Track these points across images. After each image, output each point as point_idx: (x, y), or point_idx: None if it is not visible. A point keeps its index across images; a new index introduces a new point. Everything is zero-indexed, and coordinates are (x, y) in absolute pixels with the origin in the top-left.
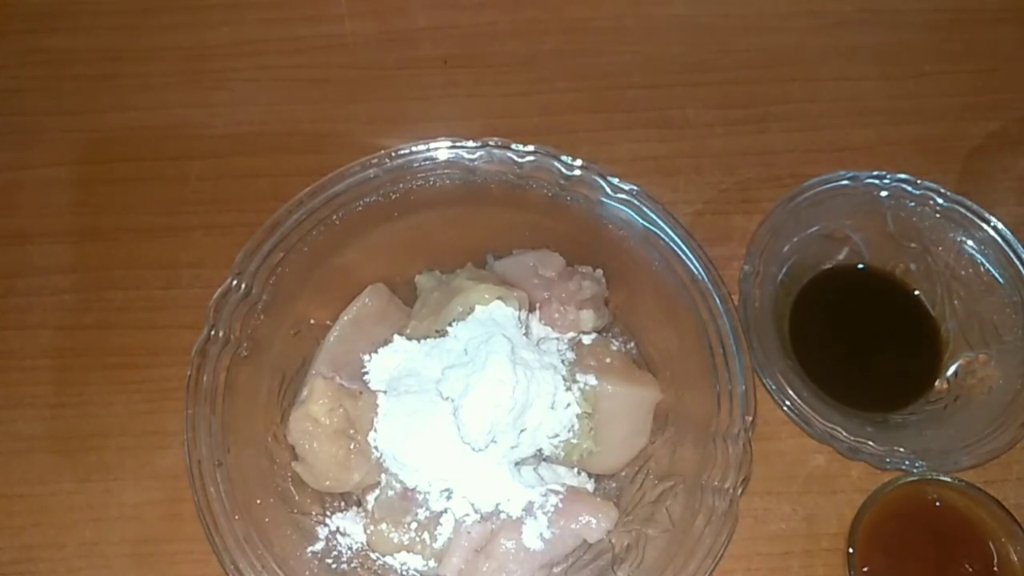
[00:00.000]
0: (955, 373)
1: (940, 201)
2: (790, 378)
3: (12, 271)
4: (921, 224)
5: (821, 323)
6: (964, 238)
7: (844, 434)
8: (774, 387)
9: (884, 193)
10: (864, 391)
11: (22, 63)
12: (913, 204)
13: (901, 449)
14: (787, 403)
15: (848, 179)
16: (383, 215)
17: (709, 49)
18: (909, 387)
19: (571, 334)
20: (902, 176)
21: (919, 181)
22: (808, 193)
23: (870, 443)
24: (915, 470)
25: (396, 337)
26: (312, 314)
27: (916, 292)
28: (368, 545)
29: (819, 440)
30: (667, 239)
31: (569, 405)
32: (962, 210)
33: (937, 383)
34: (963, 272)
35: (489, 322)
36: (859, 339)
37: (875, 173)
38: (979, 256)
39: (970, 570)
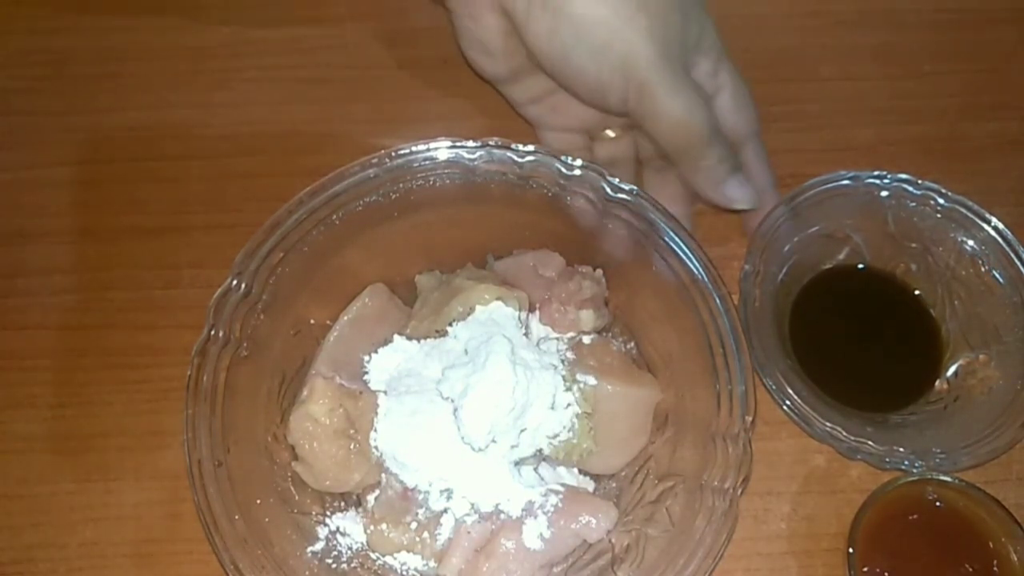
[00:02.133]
0: (955, 373)
1: (941, 201)
2: (790, 378)
3: (12, 271)
4: (922, 224)
5: (821, 323)
6: (965, 238)
7: (844, 434)
8: (774, 387)
9: (885, 193)
10: (864, 391)
11: (22, 63)
12: (914, 204)
13: (901, 449)
14: (787, 403)
15: (849, 179)
16: (383, 215)
17: None
18: (909, 387)
19: (571, 334)
20: (903, 176)
21: (920, 181)
22: (808, 193)
23: (870, 443)
24: (915, 470)
25: (396, 337)
26: (312, 314)
27: (917, 292)
28: (368, 545)
29: (819, 440)
30: (667, 239)
31: (569, 405)
32: (963, 210)
33: (937, 383)
34: (963, 272)
35: (489, 322)
36: (859, 339)
37: (876, 173)
38: (980, 256)
39: (970, 570)
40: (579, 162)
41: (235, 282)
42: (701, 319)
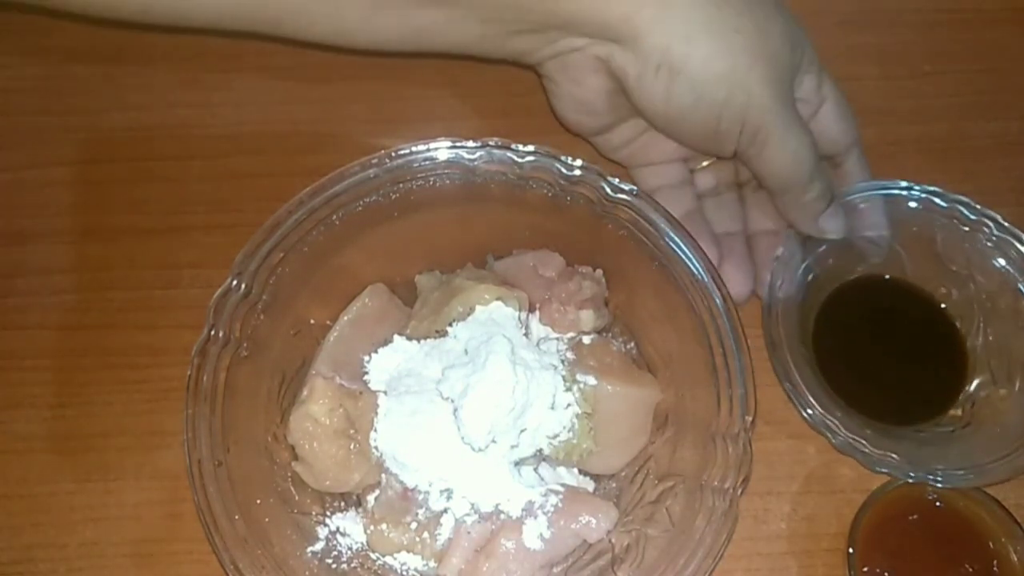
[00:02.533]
0: (972, 402)
1: (994, 230)
2: (812, 385)
3: (12, 271)
4: (971, 250)
5: (848, 327)
6: (1013, 271)
7: (869, 447)
8: (793, 392)
9: (940, 212)
10: (878, 401)
11: (22, 63)
12: (967, 229)
13: (895, 456)
14: (808, 411)
15: (904, 190)
16: (383, 215)
17: None
18: (923, 407)
19: (571, 334)
20: (961, 198)
21: (977, 206)
22: (860, 195)
23: (893, 455)
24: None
25: (396, 337)
26: (312, 314)
27: (951, 316)
28: (368, 545)
29: (841, 451)
30: (667, 239)
31: (569, 405)
32: (1016, 243)
33: (952, 409)
34: (1003, 305)
35: (489, 322)
36: (884, 351)
37: (933, 189)
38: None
39: (970, 570)
40: (579, 162)
41: (235, 282)
42: (701, 319)
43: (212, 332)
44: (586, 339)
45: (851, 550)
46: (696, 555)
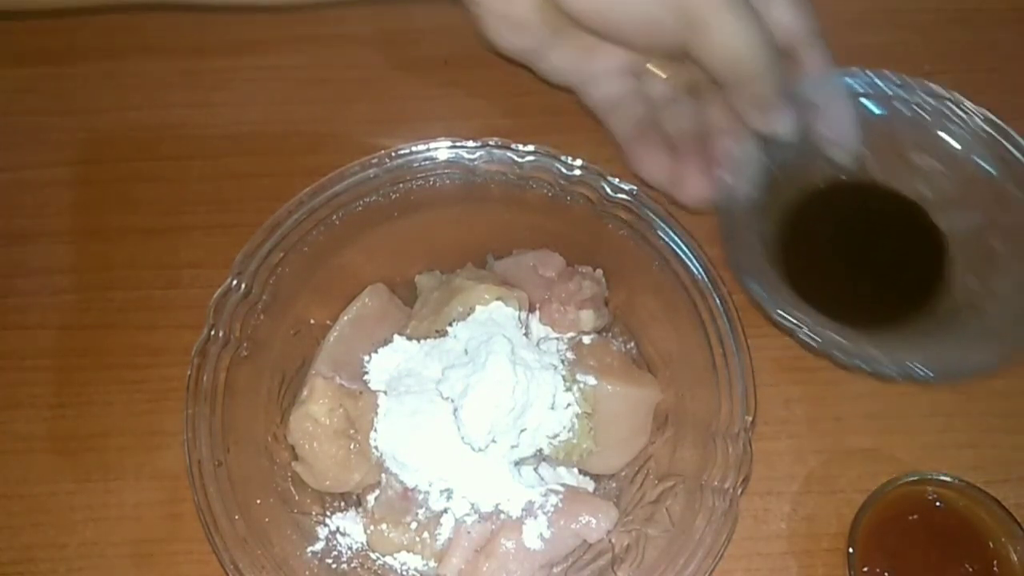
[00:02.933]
0: (953, 296)
1: (963, 116)
2: (777, 284)
3: (12, 271)
4: (938, 139)
5: (816, 240)
6: (982, 160)
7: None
8: (764, 296)
9: (901, 102)
10: (852, 309)
11: (22, 63)
12: (929, 116)
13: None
14: (775, 309)
15: (860, 79)
16: (383, 215)
17: None
18: (903, 305)
19: (571, 334)
20: (932, 86)
21: (945, 92)
22: (815, 89)
23: (873, 350)
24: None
25: (396, 337)
26: (312, 314)
27: (925, 212)
28: (368, 545)
29: (818, 352)
30: (667, 239)
31: (569, 405)
32: (988, 129)
33: (933, 305)
34: (980, 195)
35: (489, 322)
36: (856, 257)
37: (892, 76)
38: (998, 179)
39: (970, 570)
40: (579, 162)
41: (235, 282)
42: (701, 319)
43: (212, 332)
44: (586, 339)
45: (851, 550)
46: (696, 555)
